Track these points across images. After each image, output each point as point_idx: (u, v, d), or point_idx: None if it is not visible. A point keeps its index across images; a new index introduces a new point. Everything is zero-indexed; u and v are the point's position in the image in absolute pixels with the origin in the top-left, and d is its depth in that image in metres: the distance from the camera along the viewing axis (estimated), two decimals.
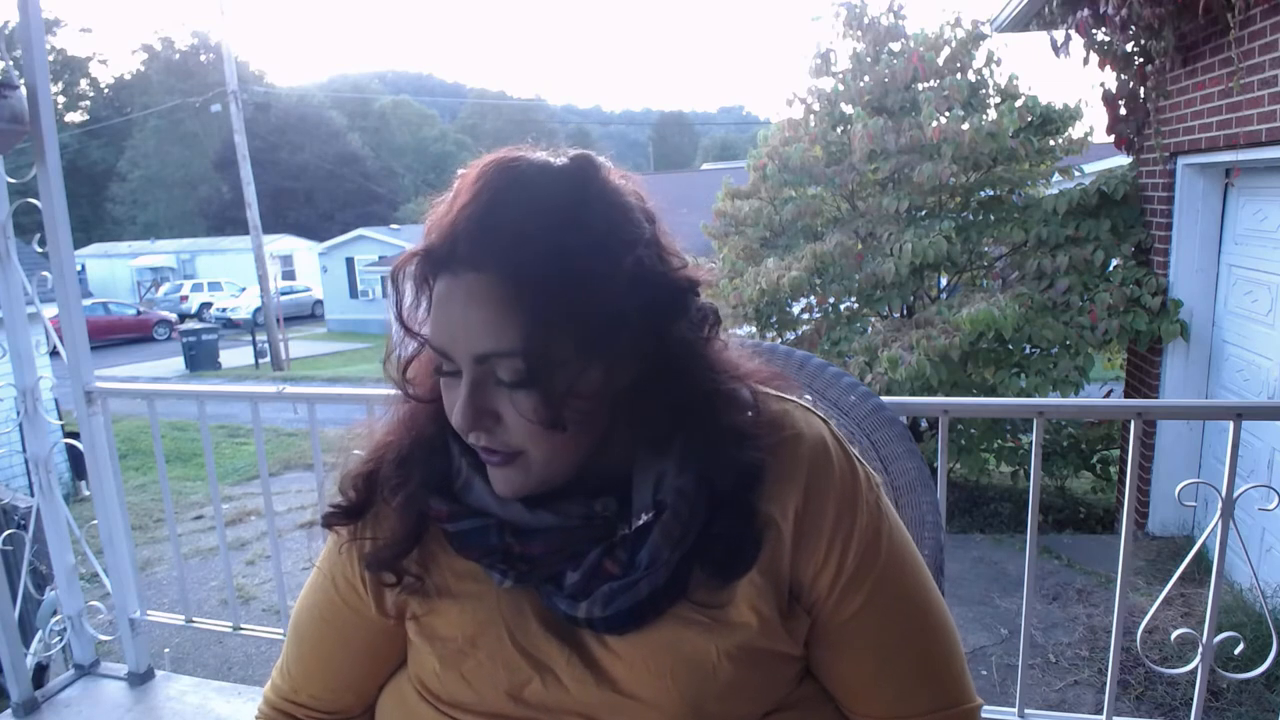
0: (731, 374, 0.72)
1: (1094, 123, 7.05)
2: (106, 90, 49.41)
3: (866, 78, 5.76)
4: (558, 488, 0.70)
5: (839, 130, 6.01)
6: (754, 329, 5.84)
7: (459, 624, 0.74)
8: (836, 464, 0.74)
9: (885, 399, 1.20)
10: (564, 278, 0.63)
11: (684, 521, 0.68)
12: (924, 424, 5.80)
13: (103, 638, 2.21)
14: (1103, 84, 4.69)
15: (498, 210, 0.65)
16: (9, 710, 2.01)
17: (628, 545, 0.69)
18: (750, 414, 0.72)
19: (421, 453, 0.75)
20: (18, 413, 2.05)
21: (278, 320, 18.93)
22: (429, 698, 0.77)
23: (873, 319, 5.87)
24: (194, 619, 2.23)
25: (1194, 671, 1.55)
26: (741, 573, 0.70)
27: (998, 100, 5.75)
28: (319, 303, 28.50)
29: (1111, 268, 4.90)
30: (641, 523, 0.69)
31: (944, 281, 6.19)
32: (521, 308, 0.63)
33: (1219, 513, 1.47)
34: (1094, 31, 4.45)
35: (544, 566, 0.71)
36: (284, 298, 24.84)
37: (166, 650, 4.22)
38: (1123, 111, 4.67)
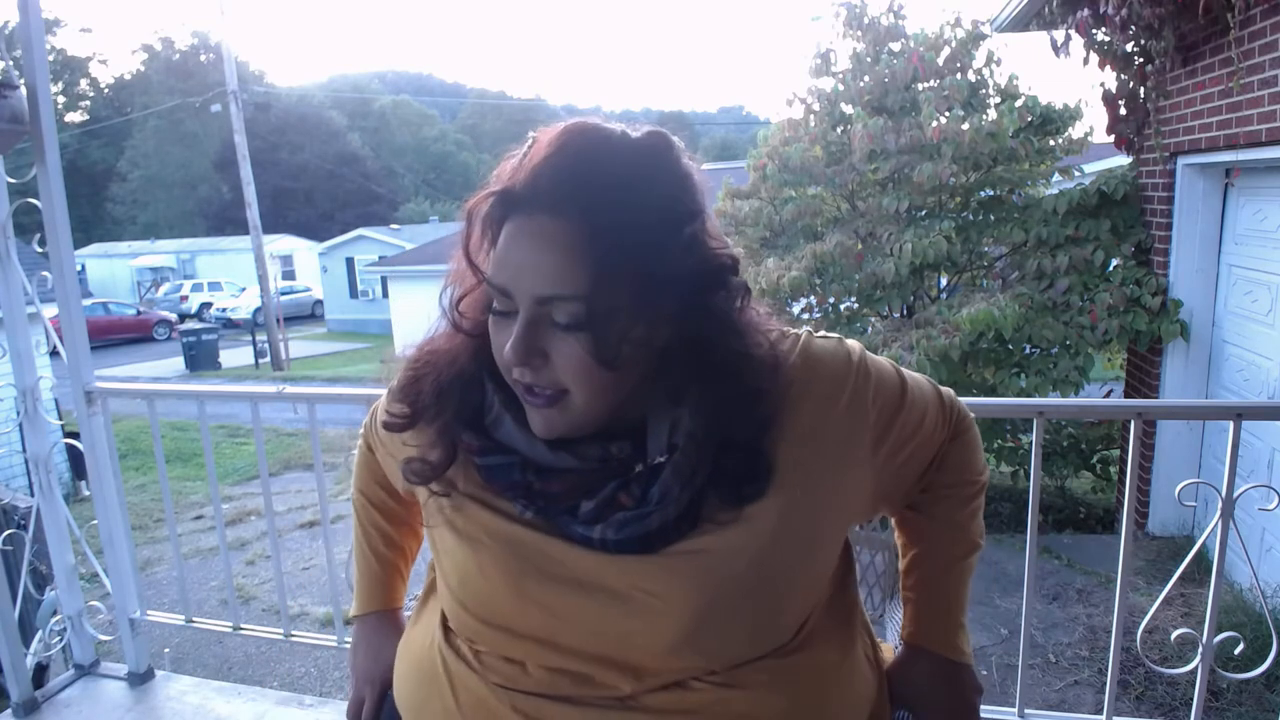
0: (755, 340, 0.76)
1: (1094, 123, 7.05)
2: (106, 90, 49.41)
3: (866, 78, 5.76)
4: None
5: (839, 130, 6.01)
6: None
7: (481, 522, 0.79)
8: (848, 379, 0.81)
9: None
10: (633, 234, 0.68)
11: (693, 461, 0.73)
12: None
13: (103, 638, 2.21)
14: (1103, 84, 4.69)
15: (581, 163, 0.69)
16: (9, 710, 2.01)
17: (641, 481, 0.74)
18: (766, 371, 0.76)
19: (459, 386, 0.79)
20: (18, 413, 2.04)
21: (278, 320, 18.93)
22: (451, 603, 0.83)
23: (873, 319, 5.87)
24: (194, 619, 2.23)
25: (1194, 671, 1.55)
26: (753, 499, 0.74)
27: (998, 100, 5.75)
28: (319, 303, 28.49)
29: (1111, 268, 4.91)
30: (655, 463, 0.74)
31: (944, 281, 6.19)
32: (591, 256, 0.67)
33: (1219, 513, 1.47)
34: (1094, 31, 4.46)
35: (562, 501, 0.76)
36: (284, 298, 24.84)
37: (166, 650, 4.22)
38: (1123, 111, 4.67)
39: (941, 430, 0.91)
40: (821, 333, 0.85)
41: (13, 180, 1.94)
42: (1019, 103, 5.49)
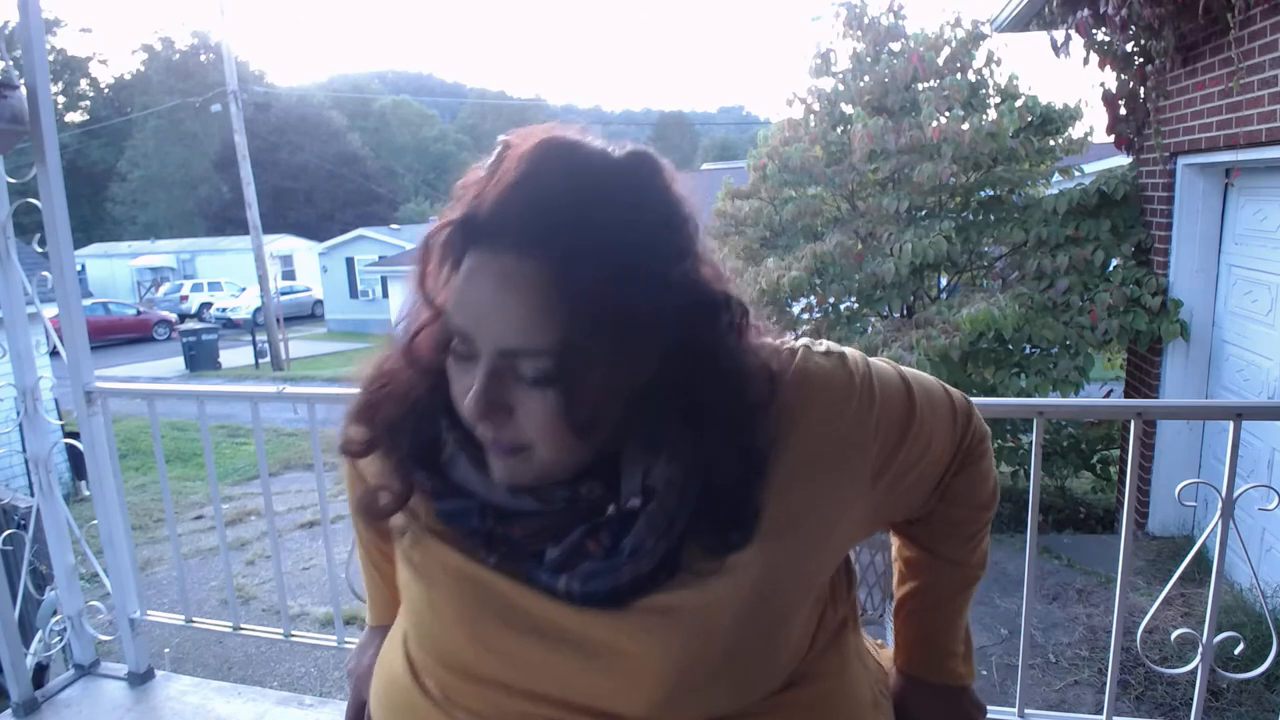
0: (748, 375, 0.68)
1: (1094, 123, 7.05)
2: (106, 90, 49.40)
3: (866, 78, 5.76)
4: None
5: (839, 130, 6.01)
6: None
7: (440, 558, 0.72)
8: (848, 405, 0.73)
9: None
10: (613, 279, 0.59)
11: (671, 511, 0.65)
12: None
13: (103, 638, 2.21)
14: (1103, 84, 4.69)
15: (555, 192, 0.60)
16: (9, 710, 2.01)
17: (612, 528, 0.66)
18: (761, 407, 0.68)
19: (413, 420, 0.72)
20: (18, 413, 2.04)
21: (278, 320, 18.93)
22: (409, 638, 0.78)
23: (873, 319, 5.87)
24: (194, 619, 2.23)
25: (1194, 671, 1.55)
26: (737, 547, 0.67)
27: (998, 100, 5.76)
28: (319, 303, 28.49)
29: (1111, 268, 4.91)
30: (628, 507, 0.66)
31: (944, 281, 6.19)
32: (563, 305, 0.59)
33: (1219, 513, 1.47)
34: (1094, 31, 4.45)
35: (525, 546, 0.69)
36: (284, 298, 24.83)
37: (166, 650, 4.22)
38: (1123, 111, 4.67)
39: (950, 449, 0.83)
40: (823, 345, 0.77)
41: (13, 180, 1.94)
42: (1019, 103, 5.49)
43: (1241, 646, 1.56)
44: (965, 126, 5.14)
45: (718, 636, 0.67)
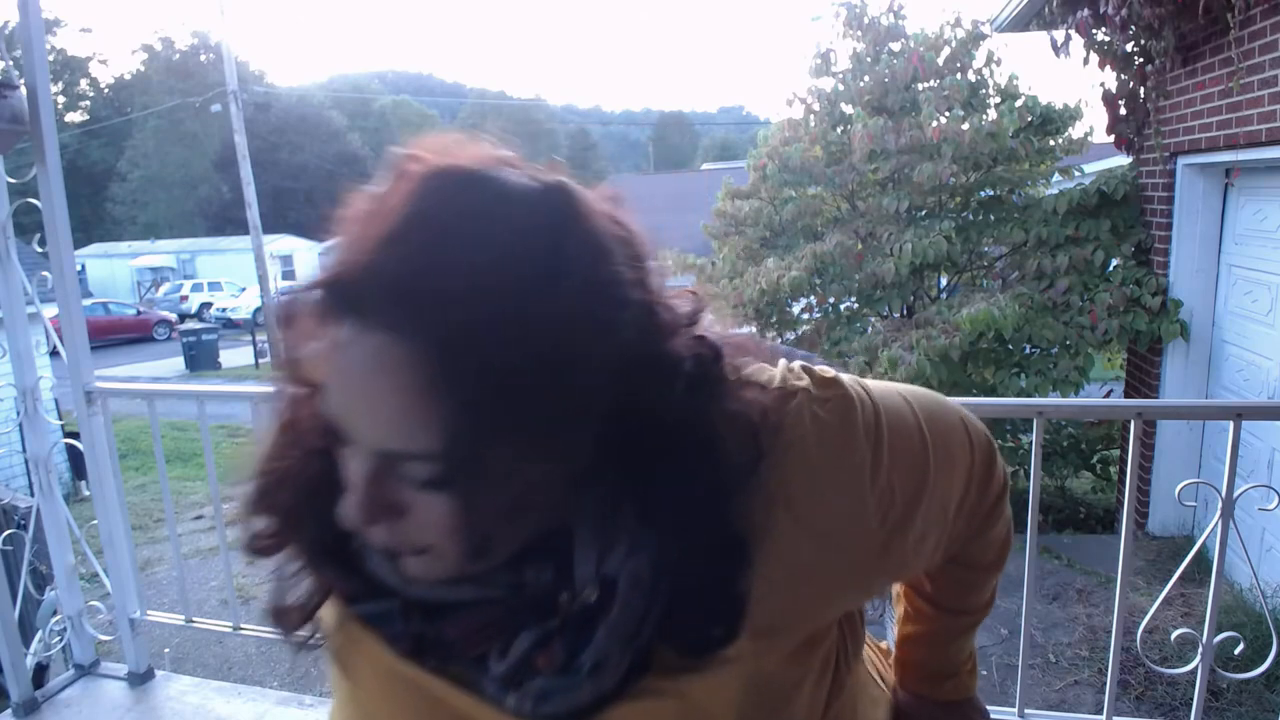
0: (719, 438, 0.55)
1: (1094, 123, 7.05)
2: (106, 90, 49.40)
3: (866, 78, 5.76)
4: None
5: (839, 130, 6.01)
6: (754, 329, 5.84)
7: (374, 658, 0.60)
8: (858, 471, 0.61)
9: None
10: (518, 363, 0.46)
11: (637, 616, 0.53)
12: None
13: (103, 638, 2.21)
14: (1103, 84, 4.69)
15: (440, 252, 0.46)
16: (9, 710, 2.01)
17: (566, 636, 0.54)
18: (739, 480, 0.55)
19: (311, 505, 0.57)
20: (18, 413, 2.05)
21: None
22: None
23: (873, 319, 5.87)
24: (194, 619, 2.23)
25: (1194, 671, 1.55)
26: (719, 647, 0.56)
27: (998, 100, 5.76)
28: None
29: (1111, 268, 4.91)
30: (587, 603, 0.54)
31: (944, 281, 6.20)
32: (450, 397, 0.46)
33: (1219, 513, 1.47)
34: (1094, 31, 4.46)
35: (463, 650, 0.56)
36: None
37: (166, 650, 4.22)
38: (1123, 111, 4.67)
39: (967, 513, 0.73)
40: (828, 385, 0.63)
41: (13, 180, 1.94)
42: (1019, 103, 5.49)
43: (1241, 646, 1.56)
44: (965, 126, 5.14)
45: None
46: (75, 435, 2.11)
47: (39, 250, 1.97)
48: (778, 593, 0.58)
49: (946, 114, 5.37)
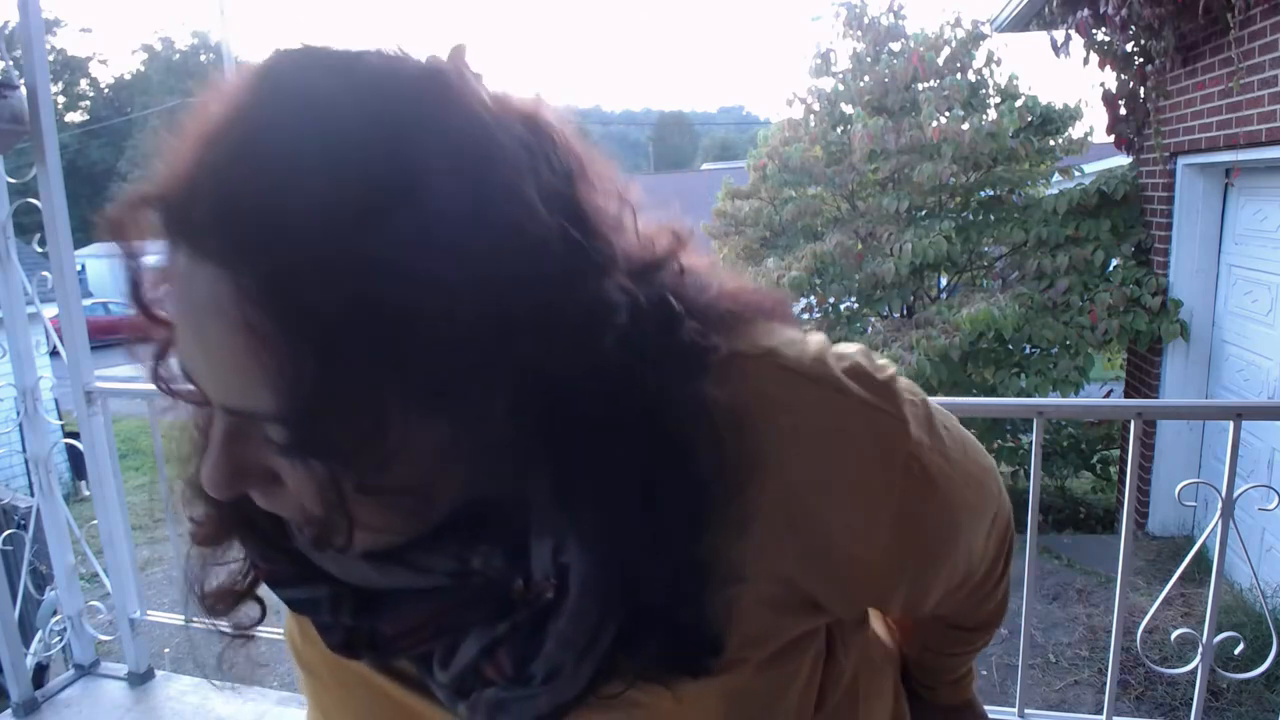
0: (686, 418, 0.44)
1: (1094, 123, 7.06)
2: (106, 90, 49.41)
3: (866, 78, 5.77)
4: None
5: (839, 130, 6.02)
6: None
7: (324, 651, 0.52)
8: (885, 498, 0.49)
9: None
10: (365, 303, 0.36)
11: (592, 624, 0.45)
12: None
13: (103, 638, 2.20)
14: (1103, 84, 4.69)
15: (267, 159, 0.37)
16: (9, 710, 2.01)
17: (516, 641, 0.46)
18: (702, 481, 0.44)
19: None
20: (18, 413, 2.05)
21: None
22: None
23: (873, 319, 5.87)
24: (194, 619, 2.23)
25: (1194, 671, 1.55)
26: (695, 674, 0.48)
27: (998, 100, 5.76)
28: None
29: (1111, 268, 4.91)
30: (542, 598, 0.45)
31: (944, 281, 6.20)
32: (286, 346, 0.36)
33: (1219, 513, 1.47)
34: (1094, 31, 4.46)
35: (401, 649, 0.49)
36: None
37: (166, 650, 4.21)
38: (1123, 111, 4.67)
39: (978, 571, 0.63)
40: (877, 389, 0.50)
41: (13, 180, 1.94)
42: (1019, 103, 5.50)
43: (1241, 646, 1.56)
44: (965, 126, 5.15)
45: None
46: (75, 435, 2.11)
47: (39, 250, 1.97)
48: (757, 623, 0.49)
49: (946, 114, 5.37)
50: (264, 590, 0.56)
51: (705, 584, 0.46)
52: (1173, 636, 1.73)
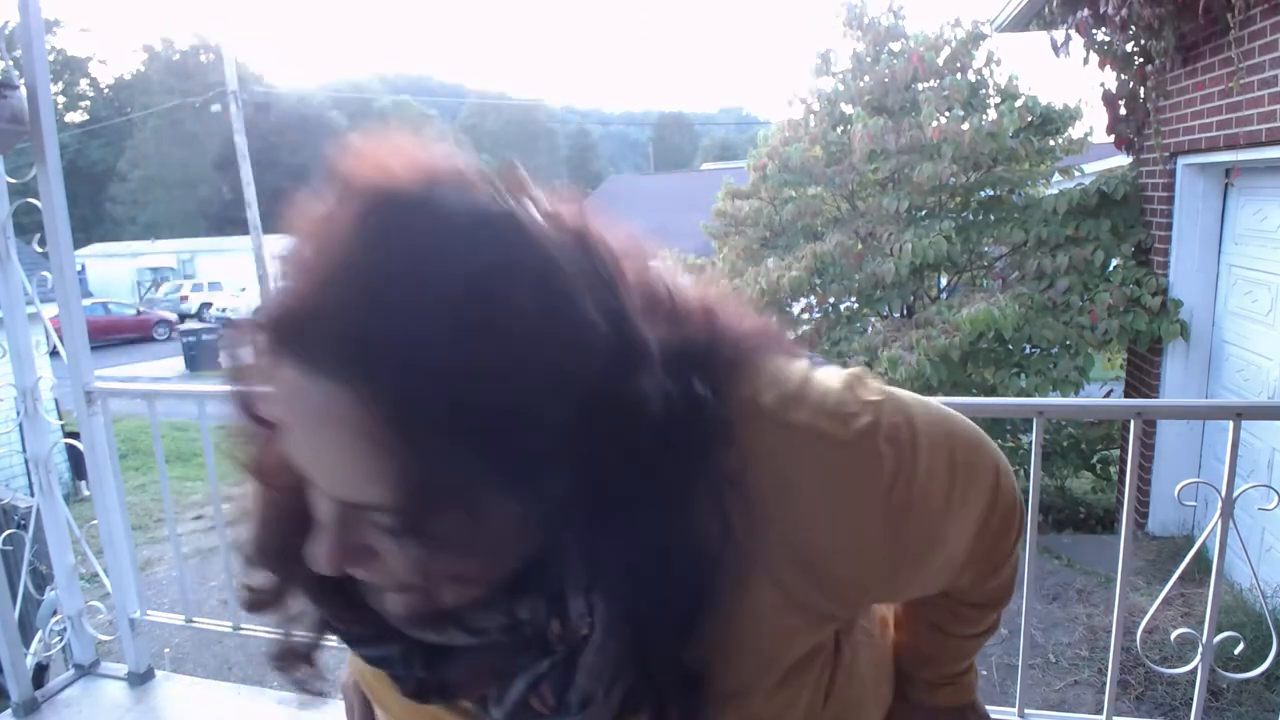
0: (695, 484, 0.52)
1: (1094, 123, 7.04)
2: (106, 90, 49.42)
3: (866, 78, 5.76)
4: None
5: (839, 130, 6.02)
6: None
7: (396, 699, 0.61)
8: (870, 521, 0.58)
9: None
10: (470, 412, 0.44)
11: (614, 658, 0.53)
12: None
13: (103, 638, 2.21)
14: (1103, 84, 4.69)
15: (382, 294, 0.43)
16: (9, 710, 2.01)
17: (554, 675, 0.55)
18: (707, 543, 0.52)
19: (299, 538, 0.53)
20: (18, 413, 2.05)
21: None
22: None
23: (873, 319, 5.87)
24: (194, 619, 2.23)
25: (1194, 671, 1.55)
26: (708, 705, 0.56)
27: (998, 100, 5.76)
28: None
29: (1111, 268, 4.91)
30: (579, 635, 0.53)
31: (944, 281, 6.20)
32: (401, 450, 0.44)
33: (1219, 512, 1.47)
34: (1094, 31, 4.46)
35: (464, 693, 0.58)
36: None
37: (166, 650, 4.22)
38: (1123, 111, 4.67)
39: (973, 561, 0.69)
40: (849, 399, 0.59)
41: (13, 180, 1.94)
42: (1019, 103, 5.49)
43: (1241, 646, 1.56)
44: (965, 126, 5.14)
45: None
46: (75, 435, 2.11)
47: (39, 250, 1.97)
48: (772, 633, 0.58)
49: (946, 114, 5.37)
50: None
51: (711, 622, 0.54)
52: (1173, 636, 1.73)
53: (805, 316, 6.08)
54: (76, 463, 6.66)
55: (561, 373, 0.46)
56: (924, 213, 5.73)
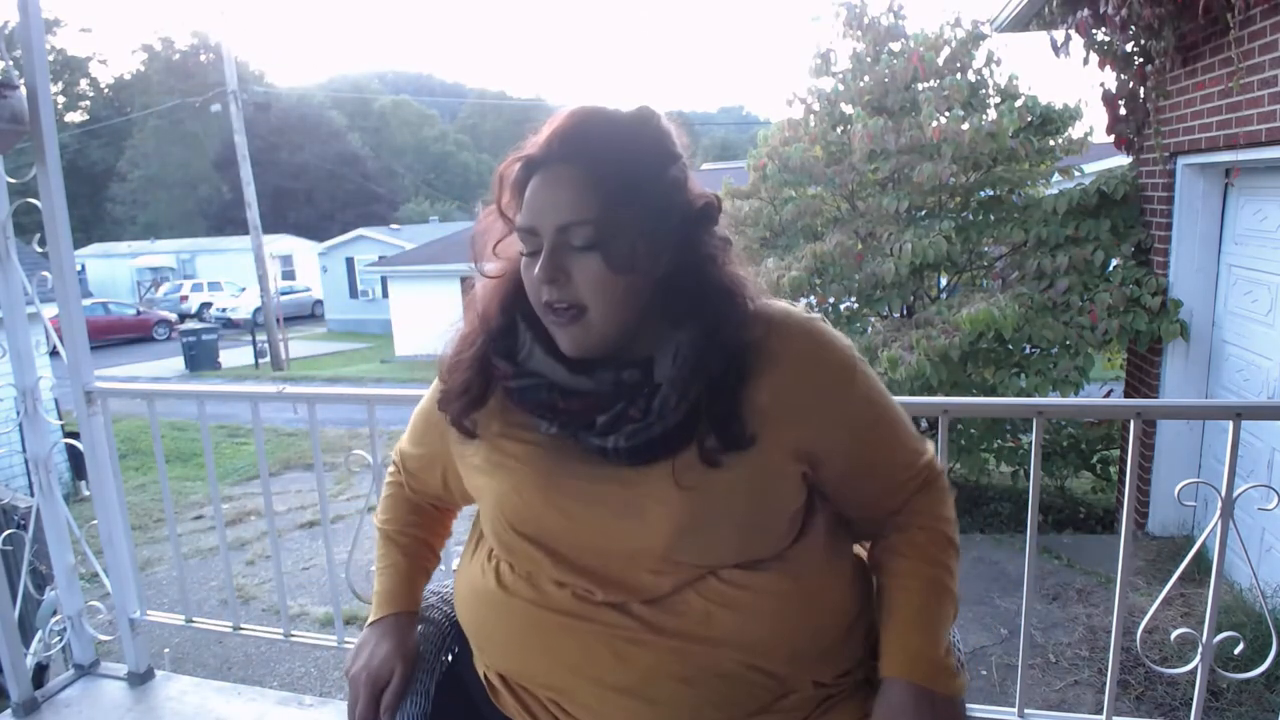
0: (738, 283, 0.92)
1: (1094, 123, 7.04)
2: (106, 90, 49.39)
3: (866, 78, 5.76)
4: (596, 359, 0.90)
5: (839, 130, 6.01)
6: None
7: (511, 452, 0.96)
8: (823, 352, 0.94)
9: None
10: (629, 171, 0.88)
11: (687, 378, 0.88)
12: (924, 424, 5.79)
13: (103, 638, 2.20)
14: (1103, 84, 4.69)
15: (585, 125, 0.89)
16: (9, 710, 2.01)
17: (646, 398, 0.88)
18: (747, 313, 0.91)
19: (494, 333, 0.97)
20: (18, 413, 2.04)
21: (278, 320, 18.93)
22: (495, 514, 0.98)
23: (873, 319, 5.87)
24: (194, 619, 2.23)
25: (1194, 671, 1.55)
26: (736, 446, 0.88)
27: (998, 100, 5.75)
28: (319, 303, 28.49)
29: (1111, 268, 4.91)
30: (659, 383, 0.89)
31: (944, 281, 6.19)
32: (598, 189, 0.86)
33: (1219, 512, 1.47)
34: (1094, 31, 4.46)
35: (580, 418, 0.91)
36: (284, 298, 24.83)
37: (166, 650, 4.22)
38: (1123, 111, 4.67)
39: (908, 469, 1.01)
40: (817, 321, 0.96)
41: (13, 180, 1.94)
42: (1019, 103, 5.49)
43: (1241, 646, 1.56)
44: (965, 126, 5.14)
45: (723, 499, 0.89)
46: (75, 435, 2.11)
47: (39, 250, 1.97)
48: (767, 427, 0.89)
49: (946, 114, 5.36)
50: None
51: (736, 375, 0.90)
52: (1172, 636, 1.72)
53: None
54: (76, 463, 6.66)
55: (680, 196, 0.92)
56: (924, 213, 5.72)
